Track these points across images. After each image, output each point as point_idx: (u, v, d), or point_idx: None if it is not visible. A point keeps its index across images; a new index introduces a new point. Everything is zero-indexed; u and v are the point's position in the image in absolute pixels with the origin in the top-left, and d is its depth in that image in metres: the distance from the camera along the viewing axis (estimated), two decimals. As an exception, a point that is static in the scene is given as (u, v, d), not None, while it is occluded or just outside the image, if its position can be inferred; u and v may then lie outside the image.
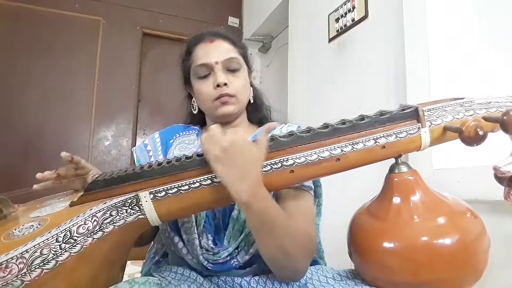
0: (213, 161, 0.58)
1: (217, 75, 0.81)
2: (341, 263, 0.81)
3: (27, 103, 2.44)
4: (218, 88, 0.81)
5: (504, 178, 0.56)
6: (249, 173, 0.57)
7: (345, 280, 0.68)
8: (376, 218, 0.63)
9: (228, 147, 0.57)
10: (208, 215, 0.76)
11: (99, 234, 0.57)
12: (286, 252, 0.60)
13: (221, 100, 0.81)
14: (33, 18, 2.51)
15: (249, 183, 0.57)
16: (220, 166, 0.57)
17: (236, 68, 0.84)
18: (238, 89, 0.83)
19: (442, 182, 1.03)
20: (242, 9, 3.19)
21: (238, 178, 0.56)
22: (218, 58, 0.82)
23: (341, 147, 0.60)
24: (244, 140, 0.58)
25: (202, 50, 0.84)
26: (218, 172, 0.57)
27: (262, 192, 0.58)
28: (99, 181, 0.63)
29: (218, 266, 0.72)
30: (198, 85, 0.84)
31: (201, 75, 0.83)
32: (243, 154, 0.57)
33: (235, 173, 0.56)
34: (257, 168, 0.58)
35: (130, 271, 1.65)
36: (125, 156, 2.67)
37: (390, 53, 1.38)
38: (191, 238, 0.73)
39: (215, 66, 0.82)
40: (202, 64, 0.82)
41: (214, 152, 0.57)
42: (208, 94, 0.82)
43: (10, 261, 0.51)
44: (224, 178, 0.57)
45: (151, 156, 0.86)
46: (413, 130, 0.61)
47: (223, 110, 0.82)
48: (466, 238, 0.56)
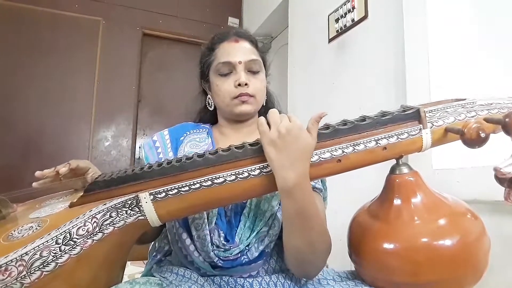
0: (267, 144, 0.58)
1: (239, 74, 0.83)
2: (341, 264, 0.81)
3: (27, 103, 2.44)
4: (239, 87, 0.82)
5: (504, 179, 0.56)
6: (299, 162, 0.58)
7: (345, 281, 0.69)
8: (376, 219, 0.63)
9: (285, 133, 0.57)
10: (220, 212, 0.76)
11: (99, 235, 0.57)
12: (313, 246, 0.62)
13: (241, 98, 0.83)
14: (33, 18, 2.51)
15: (297, 172, 0.57)
16: (273, 150, 0.58)
17: (257, 70, 0.85)
18: (258, 90, 0.85)
19: (442, 182, 1.03)
20: (242, 9, 3.19)
21: (288, 165, 0.57)
22: (242, 58, 0.83)
23: (342, 148, 0.60)
24: (300, 128, 0.59)
25: (227, 48, 0.85)
26: (270, 156, 0.58)
27: (306, 183, 0.59)
28: (98, 182, 0.63)
29: (228, 262, 0.72)
30: (219, 82, 0.85)
31: (223, 72, 0.84)
32: (299, 141, 0.58)
33: (286, 159, 0.57)
34: (308, 158, 0.59)
35: (130, 272, 1.65)
36: (125, 156, 2.67)
37: (390, 53, 1.38)
38: (202, 235, 0.73)
39: (238, 65, 0.83)
40: (226, 62, 0.84)
41: (271, 136, 0.58)
42: (228, 92, 0.83)
43: (9, 263, 0.51)
44: (274, 162, 0.57)
45: (160, 153, 0.86)
46: (414, 131, 0.61)
47: (241, 109, 0.84)
48: (466, 239, 0.56)
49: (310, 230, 0.61)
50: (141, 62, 2.79)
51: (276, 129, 0.58)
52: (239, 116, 0.86)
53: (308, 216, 0.60)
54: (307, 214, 0.60)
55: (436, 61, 1.16)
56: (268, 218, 0.74)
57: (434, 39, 1.16)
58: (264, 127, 0.59)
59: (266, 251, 0.74)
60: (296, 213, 0.60)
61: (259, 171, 0.60)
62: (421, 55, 1.18)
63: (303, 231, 0.61)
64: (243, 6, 3.19)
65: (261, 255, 0.74)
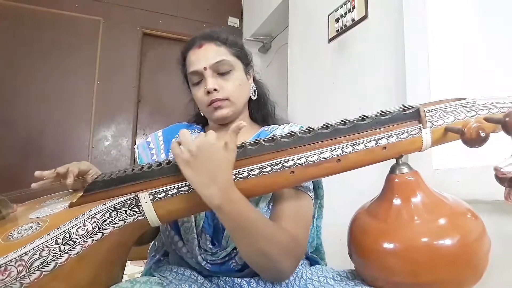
0: (182, 165, 0.57)
1: (207, 81, 0.82)
2: (341, 263, 0.81)
3: (27, 103, 2.44)
4: (209, 94, 0.82)
5: (505, 179, 0.56)
6: (218, 176, 0.56)
7: (345, 281, 0.68)
8: (376, 219, 0.63)
9: (196, 151, 0.57)
10: (207, 216, 0.76)
11: (98, 235, 0.57)
12: (264, 254, 0.60)
13: (214, 105, 0.82)
14: (33, 18, 2.50)
15: (218, 186, 0.56)
16: (188, 170, 0.57)
17: (226, 70, 0.83)
18: (230, 92, 0.83)
19: (442, 182, 1.03)
20: (242, 9, 3.19)
21: (208, 182, 0.56)
22: (206, 63, 0.82)
23: (342, 148, 0.60)
24: (211, 143, 0.58)
25: (192, 56, 0.85)
26: (187, 176, 0.57)
27: (234, 195, 0.57)
28: (98, 182, 0.63)
29: (216, 266, 0.72)
30: (194, 91, 0.86)
31: (194, 81, 0.85)
32: (212, 157, 0.57)
33: (204, 176, 0.56)
34: (227, 170, 0.58)
35: (130, 271, 1.64)
36: (125, 156, 2.67)
37: (390, 53, 1.38)
38: (190, 238, 0.73)
39: (204, 72, 0.82)
40: (193, 72, 0.84)
41: (183, 156, 0.57)
42: (202, 100, 0.84)
43: (9, 263, 0.51)
44: (193, 182, 0.57)
45: (153, 154, 0.86)
46: (414, 131, 0.61)
47: (217, 115, 0.83)
48: (466, 239, 0.56)
49: (254, 238, 0.59)
50: (141, 62, 2.79)
51: (187, 149, 0.57)
52: (219, 121, 0.86)
53: (247, 226, 0.58)
54: (245, 224, 0.58)
55: (436, 61, 1.16)
56: None
57: (434, 39, 1.16)
58: (176, 150, 0.58)
59: None
60: (234, 226, 0.59)
61: (259, 171, 0.60)
62: (421, 55, 1.18)
63: (247, 241, 0.60)
64: (243, 6, 3.18)
65: None
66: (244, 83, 0.87)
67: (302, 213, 0.70)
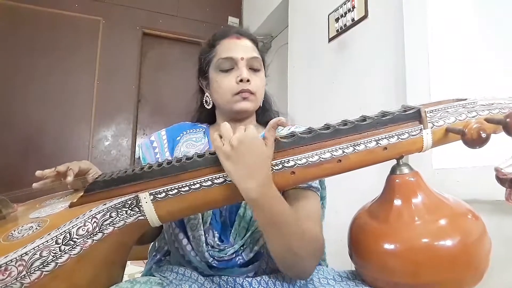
0: (222, 158, 0.58)
1: (241, 70, 0.82)
2: (342, 264, 0.81)
3: (27, 103, 2.44)
4: (241, 83, 0.82)
5: (505, 180, 0.56)
6: (258, 170, 0.57)
7: (345, 281, 0.68)
8: (377, 220, 0.63)
9: (238, 144, 0.57)
10: (214, 212, 0.76)
11: (99, 235, 0.57)
12: (294, 251, 0.61)
13: (242, 95, 0.82)
14: (33, 18, 2.51)
15: (258, 181, 0.56)
16: (229, 163, 0.57)
17: (258, 68, 0.85)
18: (259, 87, 0.85)
19: (442, 182, 1.03)
20: (242, 9, 3.19)
21: (247, 176, 0.56)
22: (244, 54, 0.83)
23: (343, 148, 0.60)
24: (253, 137, 0.58)
25: (228, 44, 0.85)
26: (228, 169, 0.57)
27: (272, 190, 0.58)
28: (99, 182, 0.63)
29: (223, 263, 0.72)
30: (220, 77, 0.84)
31: (224, 68, 0.83)
32: (253, 151, 0.57)
33: (244, 170, 0.56)
34: (266, 165, 0.58)
35: (130, 271, 1.65)
36: (125, 156, 2.67)
37: (390, 53, 1.38)
38: (197, 235, 0.73)
39: (240, 61, 0.83)
40: (228, 58, 0.83)
41: (224, 149, 0.57)
42: (229, 88, 0.82)
43: (9, 263, 0.51)
44: (233, 175, 0.57)
45: (157, 153, 0.86)
46: (415, 131, 0.60)
47: (242, 105, 0.83)
48: (467, 240, 0.56)
49: (287, 236, 0.60)
50: (141, 62, 2.79)
51: (228, 142, 0.58)
52: (238, 113, 0.85)
53: (281, 223, 0.59)
54: (279, 221, 0.59)
55: (436, 61, 1.16)
56: None
57: (434, 39, 1.16)
58: (218, 142, 0.59)
59: (262, 251, 0.74)
60: (268, 222, 0.59)
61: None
62: (421, 55, 1.18)
63: (279, 238, 0.60)
64: (243, 6, 3.19)
65: (257, 256, 0.74)
66: (264, 86, 0.89)
67: (317, 213, 0.72)
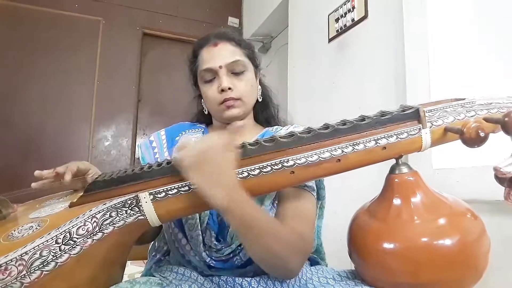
0: (185, 170, 0.57)
1: (221, 79, 0.82)
2: (342, 263, 0.81)
3: (27, 103, 2.44)
4: (223, 92, 0.82)
5: (504, 179, 0.56)
6: (221, 177, 0.56)
7: (345, 281, 0.68)
8: (376, 219, 0.63)
9: (198, 154, 0.57)
10: (212, 212, 0.76)
11: (99, 235, 0.57)
12: (272, 252, 0.60)
13: (227, 104, 0.82)
14: (33, 18, 2.51)
15: (223, 187, 0.56)
16: (192, 173, 0.56)
17: (240, 70, 0.84)
18: (243, 92, 0.84)
19: (441, 182, 1.03)
20: (242, 9, 3.19)
21: (212, 184, 0.56)
22: (222, 61, 0.83)
23: (342, 148, 0.60)
24: (211, 146, 0.58)
25: (207, 54, 0.85)
26: (191, 180, 0.57)
27: (239, 195, 0.57)
28: (98, 182, 0.63)
29: (220, 263, 0.72)
30: (204, 89, 0.86)
31: (206, 79, 0.84)
32: (214, 159, 0.57)
33: (208, 179, 0.56)
34: (229, 171, 0.58)
35: (130, 271, 1.65)
36: (125, 156, 2.67)
37: (390, 53, 1.38)
38: (195, 235, 0.73)
39: (219, 70, 0.83)
40: (207, 69, 0.84)
41: (185, 161, 0.57)
42: (214, 98, 0.84)
43: (9, 263, 0.51)
44: (198, 185, 0.56)
45: (156, 153, 0.86)
46: (414, 131, 0.61)
47: (228, 114, 0.84)
48: (466, 239, 0.56)
49: (262, 238, 0.59)
50: (141, 62, 2.79)
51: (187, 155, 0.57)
52: (228, 120, 0.86)
53: (253, 226, 0.58)
54: (251, 225, 0.58)
55: (436, 61, 1.16)
56: None
57: (434, 39, 1.16)
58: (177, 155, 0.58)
59: None
60: (240, 226, 0.58)
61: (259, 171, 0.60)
62: (421, 55, 1.18)
63: (254, 242, 0.60)
64: (243, 6, 3.19)
65: None
66: (254, 85, 0.88)
67: (307, 212, 0.71)
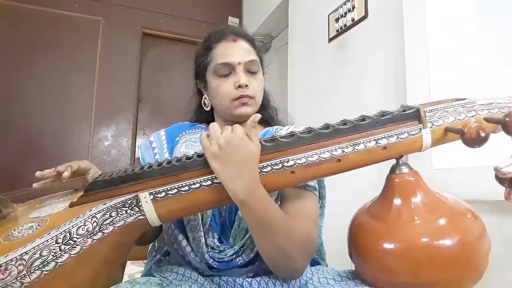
0: (210, 158, 0.58)
1: (239, 75, 0.81)
2: (342, 263, 0.81)
3: (27, 103, 2.44)
4: (240, 88, 0.81)
5: (505, 179, 0.56)
6: (246, 170, 0.57)
7: (345, 281, 0.68)
8: (376, 219, 0.63)
9: (225, 144, 0.57)
10: (214, 214, 0.76)
11: (99, 235, 0.57)
12: (283, 251, 0.60)
13: (241, 100, 0.82)
14: (33, 18, 2.51)
15: (245, 180, 0.57)
16: (216, 163, 0.57)
17: (255, 70, 0.85)
18: (257, 91, 0.84)
19: (442, 182, 1.03)
20: (242, 9, 3.19)
21: (235, 176, 0.57)
22: (241, 58, 0.82)
23: (342, 148, 0.60)
24: (241, 137, 0.58)
25: (225, 48, 0.84)
26: (215, 169, 0.58)
27: (259, 190, 0.58)
28: (99, 182, 0.63)
29: (223, 264, 0.72)
30: (217, 83, 0.84)
31: (221, 73, 0.83)
32: (240, 151, 0.57)
33: (232, 170, 0.57)
34: (254, 165, 0.58)
35: (130, 271, 1.65)
36: (125, 156, 2.67)
37: (390, 53, 1.38)
38: (197, 236, 0.73)
39: (237, 66, 0.82)
40: (224, 63, 0.82)
41: (211, 149, 0.58)
42: (228, 94, 0.82)
43: (9, 263, 0.51)
44: (220, 175, 0.57)
45: (156, 154, 0.86)
46: (414, 131, 0.61)
47: (242, 111, 0.83)
48: (466, 239, 0.56)
49: (275, 235, 0.60)
50: (141, 62, 2.79)
51: (216, 142, 0.58)
52: (238, 118, 0.84)
53: (269, 223, 0.59)
54: (268, 221, 0.59)
55: (436, 61, 1.16)
56: None
57: (434, 39, 1.16)
58: (205, 142, 0.59)
59: None
60: (256, 222, 0.59)
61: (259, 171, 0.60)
62: (421, 55, 1.18)
63: (267, 238, 0.60)
64: (243, 6, 3.19)
65: (257, 256, 0.73)
66: (263, 87, 0.89)
67: (311, 212, 0.71)
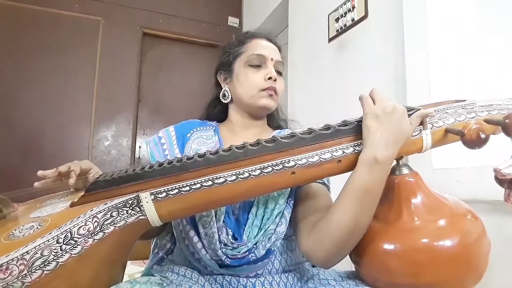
0: (370, 117, 0.59)
1: (270, 69, 0.87)
2: (342, 264, 0.81)
3: (27, 103, 2.44)
4: (269, 80, 0.86)
5: (504, 180, 0.56)
6: (394, 143, 0.58)
7: (345, 281, 0.68)
8: (376, 220, 0.63)
9: (391, 110, 0.59)
10: (227, 211, 0.76)
11: (99, 235, 0.57)
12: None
13: (269, 91, 0.86)
14: (33, 18, 2.51)
15: (388, 151, 0.58)
16: (376, 123, 0.58)
17: (281, 71, 0.91)
18: (281, 90, 0.90)
19: (442, 182, 1.03)
20: (242, 9, 3.19)
21: (383, 141, 0.58)
22: (274, 56, 0.89)
23: (343, 148, 0.60)
24: (404, 112, 0.60)
25: (261, 43, 0.90)
26: (369, 126, 0.59)
27: (387, 166, 0.59)
28: (99, 182, 0.63)
29: (236, 261, 0.72)
30: (248, 72, 0.88)
31: (254, 63, 0.87)
32: (400, 124, 0.59)
33: (384, 136, 0.58)
34: (401, 143, 0.59)
35: (130, 271, 1.65)
36: (125, 156, 2.67)
37: (390, 53, 1.38)
38: (210, 232, 0.72)
39: (269, 61, 0.88)
40: (260, 55, 0.87)
41: (375, 110, 0.59)
42: (257, 83, 0.86)
43: (10, 262, 0.51)
44: (371, 134, 0.58)
45: (166, 150, 0.86)
46: (414, 132, 0.61)
47: (266, 101, 0.87)
48: (466, 240, 0.56)
49: (370, 212, 0.60)
50: (141, 62, 2.79)
51: (381, 105, 0.59)
52: (259, 110, 0.89)
53: (376, 198, 0.60)
54: (376, 195, 0.60)
55: (436, 61, 1.16)
56: (275, 216, 0.73)
57: (434, 39, 1.17)
58: (369, 100, 0.61)
59: (272, 249, 0.74)
60: (364, 190, 0.59)
61: (260, 171, 0.60)
62: (421, 55, 1.19)
63: (368, 208, 0.60)
64: (243, 6, 3.19)
65: (268, 253, 0.73)
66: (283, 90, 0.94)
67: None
